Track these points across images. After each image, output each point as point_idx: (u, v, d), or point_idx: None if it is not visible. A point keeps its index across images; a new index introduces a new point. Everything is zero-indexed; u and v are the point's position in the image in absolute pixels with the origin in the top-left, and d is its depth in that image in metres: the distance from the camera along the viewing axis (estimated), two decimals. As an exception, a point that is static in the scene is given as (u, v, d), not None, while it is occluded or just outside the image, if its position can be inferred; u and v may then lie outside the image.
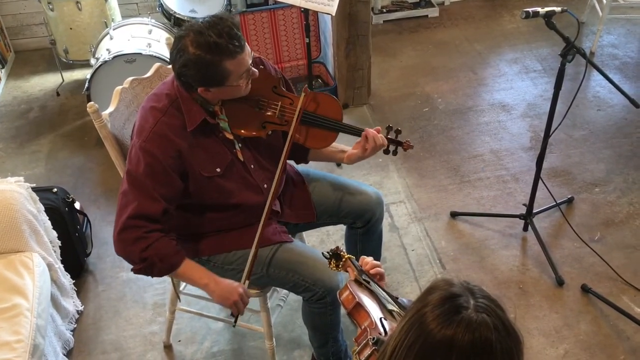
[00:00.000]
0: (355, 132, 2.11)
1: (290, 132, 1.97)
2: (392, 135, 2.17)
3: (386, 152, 2.17)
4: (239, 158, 2.00)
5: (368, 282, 1.55)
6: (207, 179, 1.94)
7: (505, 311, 1.10)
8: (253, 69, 1.87)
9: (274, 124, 1.99)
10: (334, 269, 1.62)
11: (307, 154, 2.22)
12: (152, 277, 1.95)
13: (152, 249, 1.87)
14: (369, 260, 1.63)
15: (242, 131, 1.96)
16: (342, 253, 1.63)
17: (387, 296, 1.53)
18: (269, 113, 1.98)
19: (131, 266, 1.93)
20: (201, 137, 1.91)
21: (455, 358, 1.04)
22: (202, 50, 1.75)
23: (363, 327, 1.43)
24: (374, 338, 1.34)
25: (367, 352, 1.34)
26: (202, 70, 1.78)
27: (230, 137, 1.97)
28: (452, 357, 1.04)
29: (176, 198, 1.92)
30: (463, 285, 1.11)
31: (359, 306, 1.48)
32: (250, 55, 1.85)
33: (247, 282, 2.01)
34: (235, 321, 2.10)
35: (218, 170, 1.95)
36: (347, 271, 1.61)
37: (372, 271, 1.61)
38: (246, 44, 1.82)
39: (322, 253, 1.68)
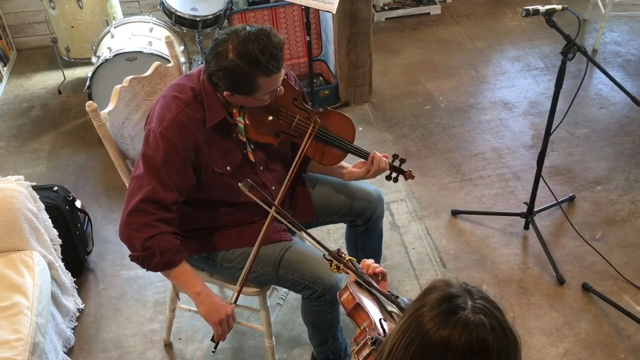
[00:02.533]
0: (363, 154, 2.17)
1: (302, 147, 2.02)
2: (396, 164, 2.25)
3: (388, 178, 2.26)
4: (250, 159, 2.03)
5: (369, 284, 1.55)
6: (219, 174, 1.97)
7: (503, 312, 1.10)
8: (281, 87, 1.90)
9: (287, 134, 2.03)
10: (335, 270, 1.62)
11: (306, 165, 2.25)
12: (147, 269, 1.92)
13: (156, 239, 1.85)
14: (369, 262, 1.63)
15: (257, 136, 2.00)
16: (343, 255, 1.63)
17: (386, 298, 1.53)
18: (285, 123, 2.02)
19: (142, 262, 1.88)
20: (217, 134, 1.93)
21: (452, 359, 1.04)
22: (241, 61, 1.76)
23: (362, 327, 1.43)
24: (372, 338, 1.34)
25: (366, 351, 1.34)
26: (234, 79, 1.80)
27: (243, 139, 2.00)
28: (449, 357, 1.04)
29: (187, 191, 1.93)
30: (461, 286, 1.11)
31: (359, 307, 1.48)
32: (283, 75, 1.88)
33: (235, 302, 1.99)
34: (216, 347, 2.02)
35: (228, 168, 1.98)
36: (347, 273, 1.61)
37: (376, 271, 1.60)
38: (283, 65, 1.85)
39: (324, 255, 1.68)
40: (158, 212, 1.85)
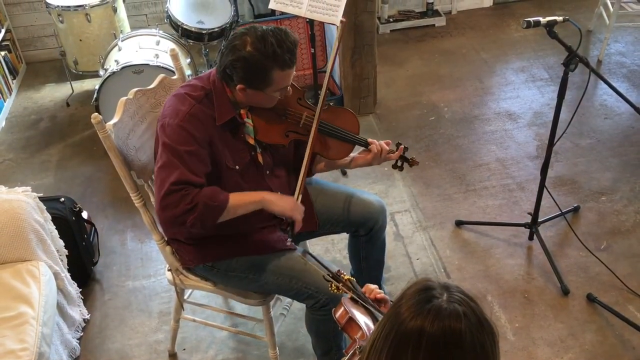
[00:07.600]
0: (363, 142, 2.20)
1: (311, 137, 2.08)
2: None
3: (394, 166, 2.28)
4: (259, 161, 2.08)
5: (364, 300, 1.58)
6: (231, 170, 2.01)
7: (479, 304, 1.12)
8: (290, 87, 1.97)
9: (296, 133, 2.10)
10: (335, 291, 1.65)
11: (312, 165, 2.27)
12: (211, 223, 1.90)
13: (197, 197, 1.85)
14: (373, 287, 1.65)
15: (266, 138, 2.06)
16: (342, 275, 1.66)
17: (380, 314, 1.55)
18: (294, 122, 2.09)
19: (202, 221, 1.87)
20: (227, 133, 1.99)
21: (426, 346, 1.06)
22: (258, 52, 1.83)
23: (354, 338, 1.45)
24: (360, 347, 1.35)
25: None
26: (250, 70, 1.86)
27: (251, 141, 2.05)
28: (422, 344, 1.06)
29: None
30: (440, 283, 1.14)
31: (352, 320, 1.51)
32: (294, 73, 1.95)
33: (299, 197, 2.06)
34: (293, 234, 2.07)
35: (237, 167, 2.02)
36: (347, 292, 1.64)
37: (378, 297, 1.62)
38: (296, 62, 1.92)
39: (323, 276, 1.72)
40: (190, 188, 1.86)
